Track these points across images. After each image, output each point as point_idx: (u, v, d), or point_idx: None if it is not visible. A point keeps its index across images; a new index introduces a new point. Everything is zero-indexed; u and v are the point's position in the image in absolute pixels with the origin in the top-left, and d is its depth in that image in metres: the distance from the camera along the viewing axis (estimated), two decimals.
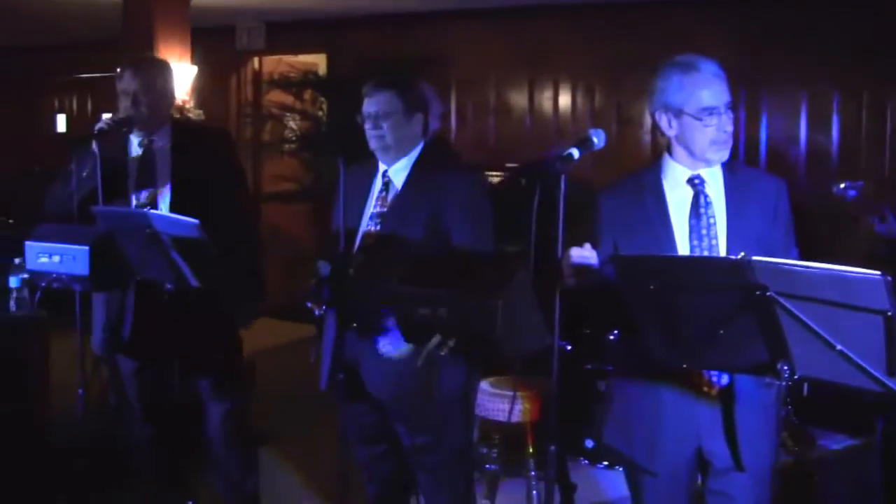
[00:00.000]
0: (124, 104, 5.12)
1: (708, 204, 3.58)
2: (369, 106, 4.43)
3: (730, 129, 3.57)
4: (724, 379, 3.54)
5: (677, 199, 3.62)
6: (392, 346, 4.26)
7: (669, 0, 9.07)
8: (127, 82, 5.11)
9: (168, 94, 5.30)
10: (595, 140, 3.51)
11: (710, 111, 3.53)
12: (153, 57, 5.58)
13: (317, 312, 4.41)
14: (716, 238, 3.55)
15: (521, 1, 9.69)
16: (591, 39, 9.75)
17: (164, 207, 5.06)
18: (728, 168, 3.64)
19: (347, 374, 4.41)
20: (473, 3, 9.98)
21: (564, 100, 9.99)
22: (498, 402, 5.62)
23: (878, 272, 2.61)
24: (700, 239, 3.55)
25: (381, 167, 4.48)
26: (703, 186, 3.60)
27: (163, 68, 5.31)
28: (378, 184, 4.49)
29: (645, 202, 3.65)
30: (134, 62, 5.27)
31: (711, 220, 3.57)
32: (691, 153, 3.60)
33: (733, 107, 3.61)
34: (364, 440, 4.68)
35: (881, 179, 8.35)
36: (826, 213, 7.05)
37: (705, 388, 3.56)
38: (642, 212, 3.64)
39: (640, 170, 3.79)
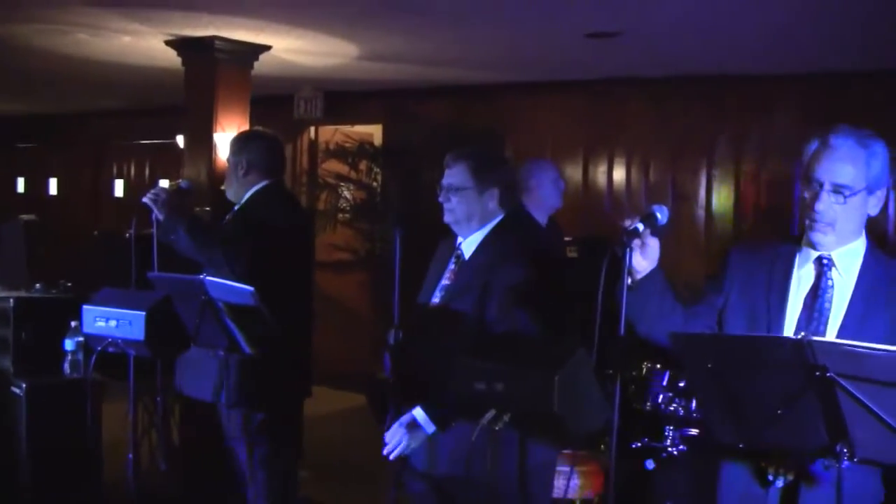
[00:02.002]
0: None
1: (828, 287, 3.42)
2: (445, 178, 4.40)
3: (823, 209, 3.34)
4: (779, 482, 3.37)
5: (803, 276, 3.47)
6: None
7: (728, 75, 9.04)
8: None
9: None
10: (658, 216, 3.49)
11: (811, 183, 3.39)
12: (245, 132, 5.76)
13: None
14: (825, 325, 3.39)
15: (577, 75, 9.72)
16: (647, 114, 9.74)
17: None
18: (869, 261, 3.45)
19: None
20: (530, 76, 10.02)
21: (619, 174, 9.97)
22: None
23: None
24: (809, 322, 3.41)
25: (459, 239, 4.46)
26: (829, 269, 3.43)
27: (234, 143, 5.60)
28: (453, 256, 4.47)
29: (773, 268, 3.52)
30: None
31: (827, 305, 3.40)
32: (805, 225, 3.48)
33: (856, 193, 3.34)
34: None
35: None
36: None
37: (770, 477, 3.39)
38: (765, 277, 3.51)
39: (782, 239, 3.66)
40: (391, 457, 4.19)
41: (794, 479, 3.34)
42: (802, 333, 2.80)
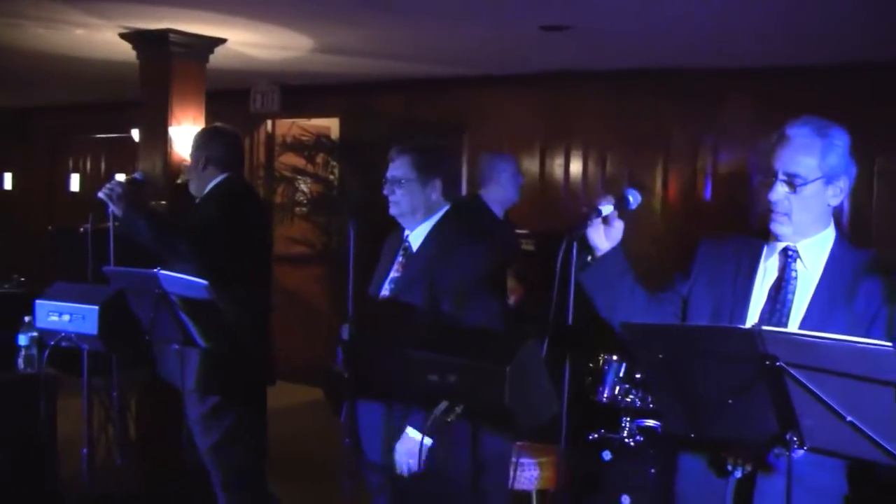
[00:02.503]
0: None
1: (792, 279, 3.41)
2: (389, 171, 4.45)
3: (777, 199, 3.34)
4: (737, 472, 3.39)
5: (768, 267, 3.47)
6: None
7: (683, 68, 9.09)
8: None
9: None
10: (630, 199, 3.50)
11: (766, 174, 3.38)
12: (206, 128, 5.82)
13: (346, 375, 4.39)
14: (787, 317, 3.38)
15: (534, 68, 9.74)
16: (604, 107, 9.78)
17: None
18: (836, 253, 3.43)
19: (362, 440, 4.38)
20: (487, 70, 10.02)
21: (576, 167, 10.00)
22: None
23: (890, 344, 2.59)
24: (772, 313, 3.40)
25: (406, 232, 4.48)
26: (794, 260, 3.42)
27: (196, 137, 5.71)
28: (401, 248, 4.50)
29: (739, 260, 3.52)
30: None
31: (790, 297, 3.40)
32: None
33: (808, 182, 3.32)
34: None
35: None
36: None
37: (729, 467, 3.40)
38: (732, 267, 3.51)
39: (756, 232, 3.64)
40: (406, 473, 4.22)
41: (752, 470, 3.35)
42: (754, 323, 2.81)
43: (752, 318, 3.41)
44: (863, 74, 8.40)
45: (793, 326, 3.32)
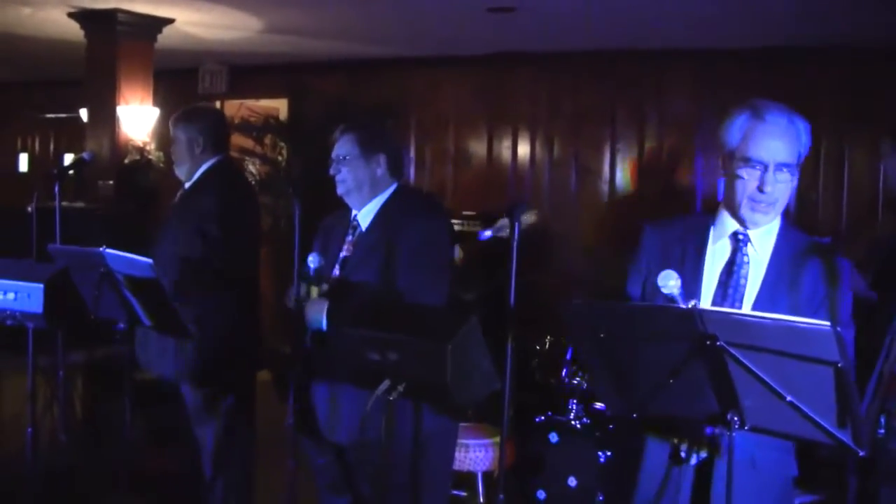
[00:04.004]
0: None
1: (743, 263, 3.40)
2: (334, 150, 4.45)
3: (771, 189, 3.29)
4: (693, 459, 3.35)
5: (717, 251, 3.44)
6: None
7: (629, 50, 9.14)
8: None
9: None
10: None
11: (753, 164, 3.30)
12: (187, 108, 5.72)
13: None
14: (741, 301, 3.37)
15: (481, 49, 9.75)
16: (551, 89, 9.82)
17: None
18: (785, 233, 3.44)
19: (309, 420, 4.38)
20: (434, 51, 10.03)
21: (523, 149, 10.04)
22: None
23: (827, 323, 2.61)
24: (724, 298, 3.38)
25: (354, 212, 4.48)
26: (745, 245, 3.41)
27: (183, 118, 5.53)
28: (350, 228, 4.49)
29: (686, 245, 3.48)
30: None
31: (742, 282, 3.38)
32: (729, 204, 3.43)
33: (794, 170, 3.32)
34: (328, 488, 4.60)
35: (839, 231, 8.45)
36: None
37: (684, 454, 3.36)
38: (679, 252, 3.47)
39: (695, 213, 3.61)
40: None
41: (709, 456, 3.33)
42: (693, 302, 2.82)
43: (705, 302, 3.38)
44: (804, 57, 8.50)
45: (746, 310, 3.31)
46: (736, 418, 2.90)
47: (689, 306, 2.79)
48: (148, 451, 5.40)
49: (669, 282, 3.10)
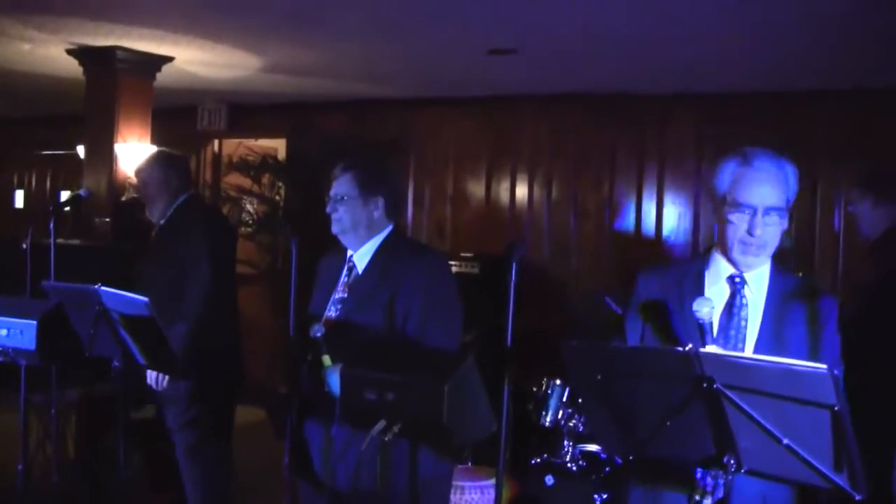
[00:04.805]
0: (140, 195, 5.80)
1: (743, 306, 3.45)
2: (332, 189, 4.42)
3: (760, 233, 3.35)
4: (720, 491, 3.38)
5: (714, 294, 3.45)
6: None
7: (629, 93, 9.17)
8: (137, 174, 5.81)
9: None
10: None
11: (742, 208, 3.37)
12: (159, 150, 5.94)
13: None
14: (743, 342, 3.42)
15: (481, 91, 9.78)
16: (550, 130, 9.83)
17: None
18: (775, 275, 3.50)
19: (306, 463, 4.35)
20: (434, 92, 10.06)
21: (521, 190, 10.04)
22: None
23: (825, 366, 2.61)
24: (727, 340, 3.42)
25: (349, 252, 4.46)
26: (742, 287, 3.47)
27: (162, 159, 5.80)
28: (345, 269, 4.47)
29: (682, 289, 3.52)
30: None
31: (743, 323, 3.44)
32: (722, 248, 3.49)
33: (783, 213, 3.39)
34: None
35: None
36: None
37: (697, 498, 3.41)
38: (677, 297, 3.51)
39: (685, 258, 3.67)
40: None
41: (724, 498, 3.32)
42: (690, 346, 2.82)
43: (708, 347, 3.34)
44: (800, 100, 8.55)
45: (748, 351, 3.36)
46: (732, 461, 2.89)
47: (687, 349, 2.79)
48: (141, 491, 5.35)
49: (704, 308, 3.18)
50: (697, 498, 3.32)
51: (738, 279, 3.46)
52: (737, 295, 3.46)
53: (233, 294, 5.78)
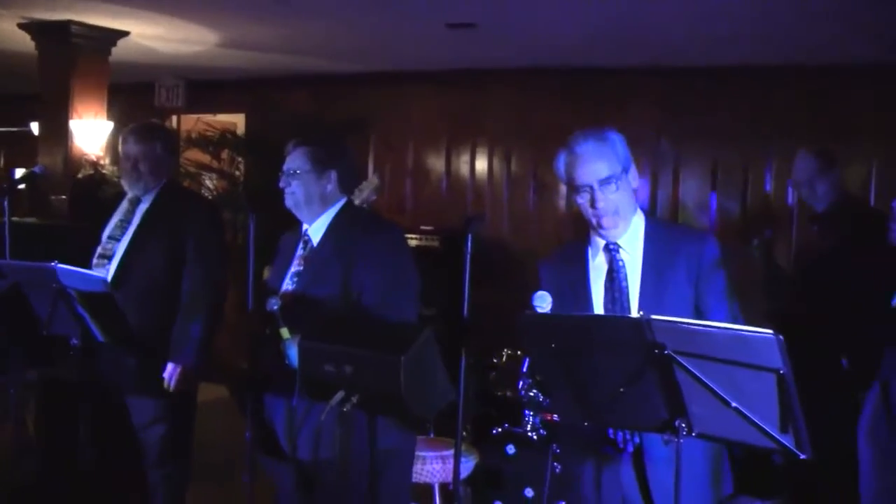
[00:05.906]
0: (125, 167, 5.33)
1: (620, 268, 3.68)
2: (286, 164, 4.46)
3: (603, 204, 3.63)
4: (630, 446, 3.58)
5: (597, 265, 3.74)
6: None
7: (589, 68, 9.18)
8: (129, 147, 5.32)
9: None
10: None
11: (580, 189, 3.68)
12: (154, 124, 5.67)
13: None
14: (628, 301, 3.64)
15: (441, 66, 9.77)
16: (511, 105, 9.84)
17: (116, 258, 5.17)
18: (649, 232, 3.73)
19: (268, 434, 4.37)
20: (393, 66, 10.04)
21: (481, 164, 10.05)
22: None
23: (771, 331, 2.66)
24: (613, 302, 3.65)
25: (304, 226, 4.48)
26: (617, 252, 3.69)
27: (162, 136, 5.51)
28: (300, 243, 4.49)
29: (572, 268, 3.79)
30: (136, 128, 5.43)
31: (624, 284, 3.66)
32: (589, 226, 3.75)
33: (620, 176, 3.67)
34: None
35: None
36: None
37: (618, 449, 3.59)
38: (569, 277, 3.77)
39: (571, 242, 3.91)
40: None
41: (640, 441, 3.55)
42: (641, 312, 2.88)
43: (599, 312, 3.66)
44: (765, 75, 8.58)
45: (633, 310, 3.61)
46: (683, 425, 2.95)
47: (639, 315, 2.85)
48: (102, 472, 5.33)
49: (543, 303, 3.56)
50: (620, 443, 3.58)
51: (612, 246, 3.72)
52: (614, 261, 3.71)
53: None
